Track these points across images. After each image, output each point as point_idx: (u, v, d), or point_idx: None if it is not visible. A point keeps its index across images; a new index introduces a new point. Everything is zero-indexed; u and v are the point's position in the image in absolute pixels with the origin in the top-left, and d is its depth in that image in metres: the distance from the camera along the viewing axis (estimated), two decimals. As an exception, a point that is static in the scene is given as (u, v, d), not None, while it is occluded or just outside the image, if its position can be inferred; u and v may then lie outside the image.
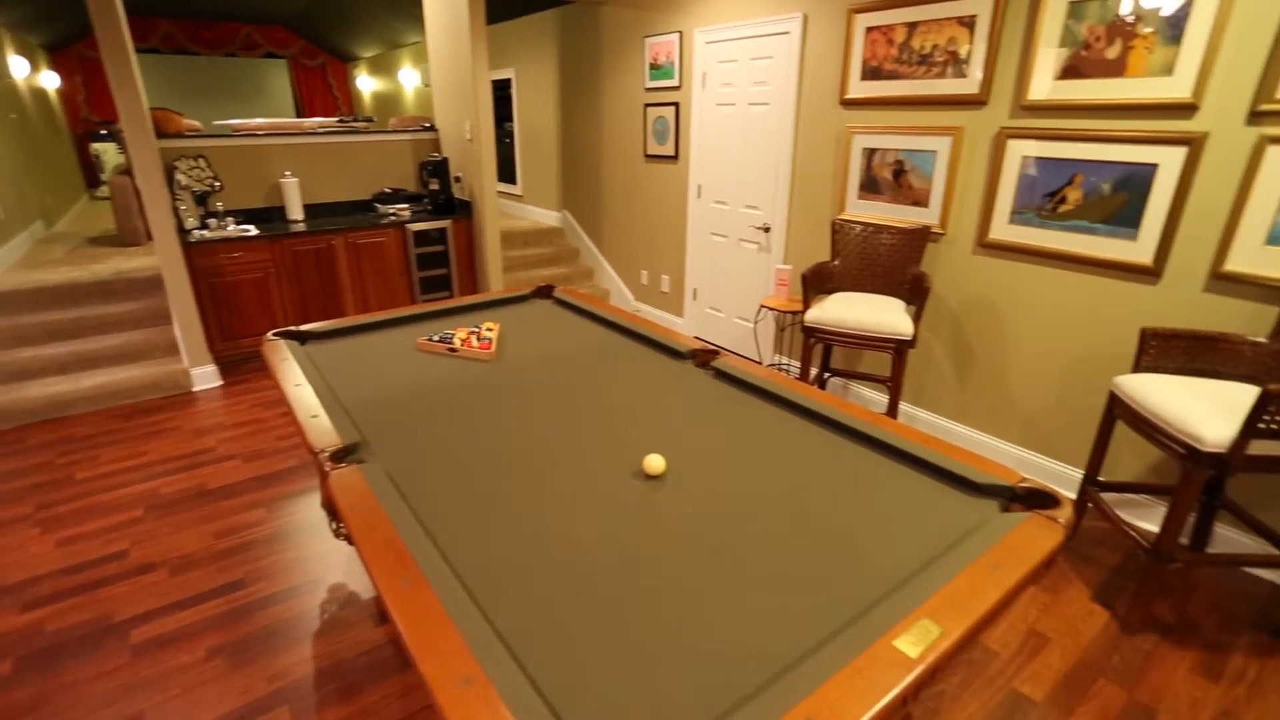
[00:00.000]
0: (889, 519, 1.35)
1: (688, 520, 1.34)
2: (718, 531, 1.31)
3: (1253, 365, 2.15)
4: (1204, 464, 1.86)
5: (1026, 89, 2.65)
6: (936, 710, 1.85)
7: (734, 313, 4.37)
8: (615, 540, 1.28)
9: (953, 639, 1.02)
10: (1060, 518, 1.32)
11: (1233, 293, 2.28)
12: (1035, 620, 2.17)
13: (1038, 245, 2.73)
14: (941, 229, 3.04)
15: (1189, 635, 2.12)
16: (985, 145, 2.83)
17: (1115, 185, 2.48)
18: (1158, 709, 1.86)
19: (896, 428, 1.66)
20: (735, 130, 4.00)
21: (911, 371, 3.35)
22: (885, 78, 3.12)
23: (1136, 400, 2.09)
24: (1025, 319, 2.85)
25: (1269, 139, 2.12)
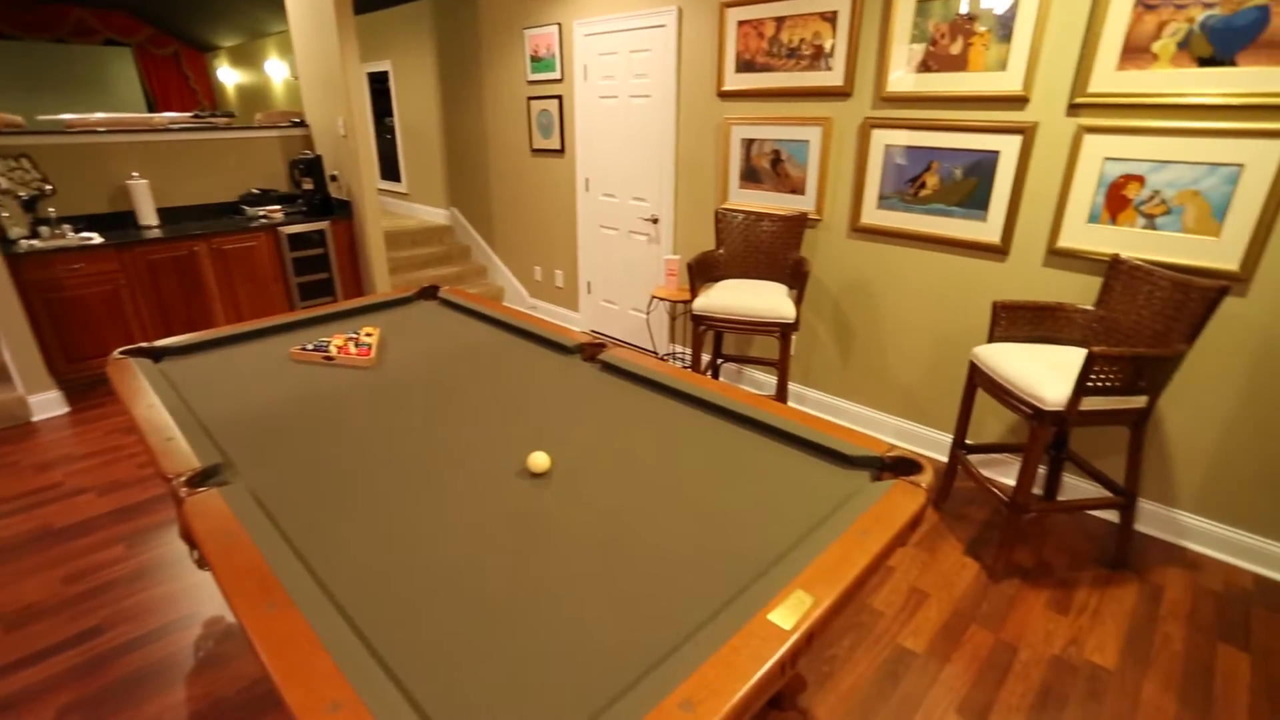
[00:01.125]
0: (769, 498, 1.40)
1: (573, 516, 1.34)
2: (603, 525, 1.31)
3: (1083, 330, 2.40)
4: (1047, 421, 2.06)
5: (885, 81, 2.81)
6: (830, 674, 1.95)
7: (628, 304, 4.40)
8: (499, 543, 1.26)
9: (824, 607, 1.07)
10: (923, 482, 1.41)
11: (1066, 266, 2.53)
12: (916, 579, 2.33)
13: (904, 228, 2.92)
14: (818, 215, 3.19)
15: (1044, 576, 2.34)
16: (852, 135, 2.98)
17: (966, 171, 2.69)
18: (1019, 646, 2.05)
19: (776, 409, 1.72)
20: (619, 123, 4.02)
21: (799, 353, 3.50)
22: (758, 70, 3.22)
23: (991, 368, 2.28)
24: (897, 297, 3.05)
25: (1085, 128, 2.36)
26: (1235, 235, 2.18)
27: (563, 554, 1.23)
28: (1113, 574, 2.37)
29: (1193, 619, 2.17)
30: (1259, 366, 2.23)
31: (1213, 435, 2.37)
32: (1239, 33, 2.04)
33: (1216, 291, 1.94)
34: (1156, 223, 2.31)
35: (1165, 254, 2.31)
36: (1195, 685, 1.93)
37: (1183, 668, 1.98)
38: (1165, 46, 2.18)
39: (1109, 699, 1.88)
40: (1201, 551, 2.50)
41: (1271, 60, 2.01)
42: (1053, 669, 1.97)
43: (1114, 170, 2.35)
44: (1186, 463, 2.45)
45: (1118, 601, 2.24)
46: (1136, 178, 2.32)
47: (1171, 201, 2.27)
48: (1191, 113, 2.18)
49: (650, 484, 1.45)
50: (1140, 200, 2.32)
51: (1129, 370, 1.98)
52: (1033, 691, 1.90)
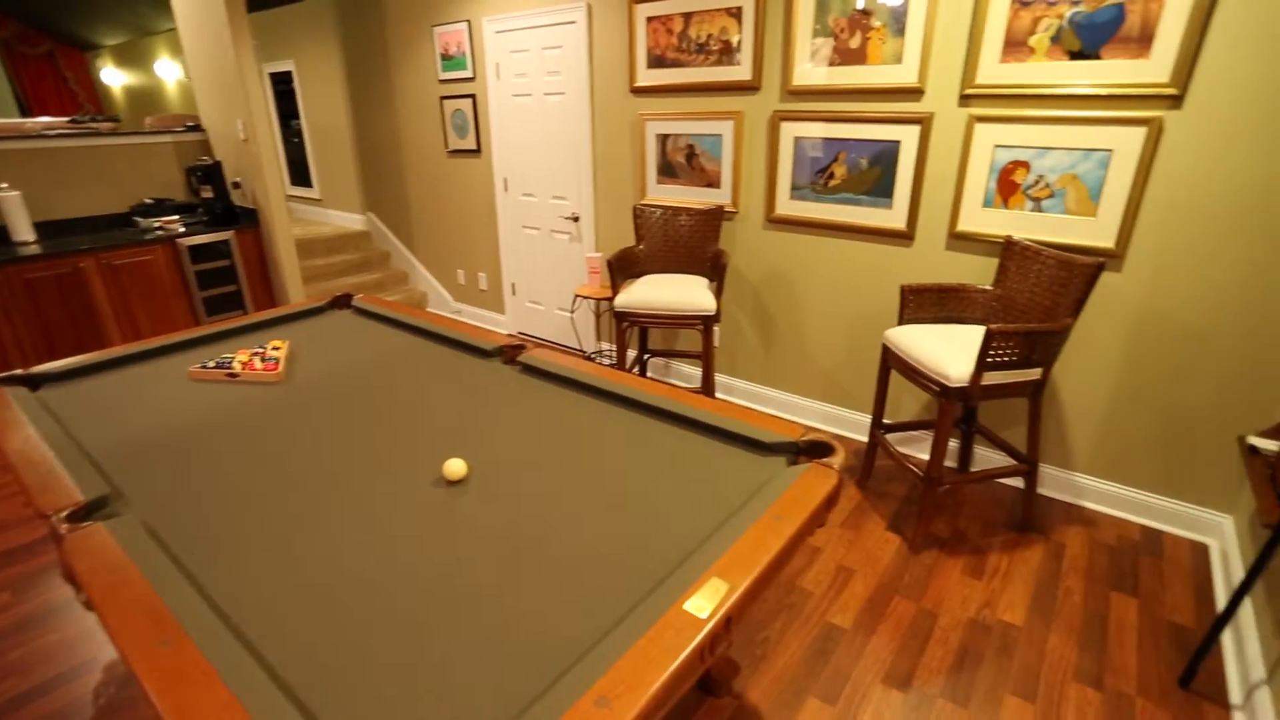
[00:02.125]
0: (687, 490, 1.42)
1: (491, 521, 1.32)
2: (521, 528, 1.30)
3: (984, 309, 2.54)
4: (954, 397, 2.17)
5: (791, 75, 2.89)
6: (763, 656, 2.00)
7: (554, 304, 4.37)
8: (416, 555, 1.22)
9: (740, 592, 1.09)
10: (834, 464, 1.46)
11: (966, 249, 2.67)
12: (843, 557, 2.41)
13: (816, 218, 3.01)
14: (734, 208, 3.24)
15: (960, 544, 2.47)
16: (763, 128, 3.05)
17: (871, 160, 2.79)
18: (938, 612, 2.15)
19: (694, 401, 1.75)
20: (535, 121, 3.97)
21: (724, 344, 3.56)
22: (669, 65, 3.24)
23: (901, 349, 2.38)
24: (814, 285, 3.14)
25: (976, 118, 2.49)
26: (1110, 215, 2.34)
27: (480, 560, 1.21)
28: (1020, 537, 2.52)
29: (1090, 572, 2.34)
30: (1136, 335, 2.42)
31: (1101, 401, 2.56)
32: (1101, 28, 2.20)
33: (1094, 268, 2.09)
34: (1043, 205, 2.46)
35: (1052, 234, 2.47)
36: (1092, 632, 2.07)
37: (1082, 617, 2.13)
38: (1040, 41, 2.32)
39: (1019, 654, 2.00)
40: (1097, 509, 2.69)
41: (1129, 54, 2.17)
42: (969, 631, 2.08)
43: (1003, 157, 2.49)
44: (1080, 428, 2.63)
45: (1025, 562, 2.38)
46: (1023, 164, 2.46)
47: (1054, 185, 2.42)
48: (1066, 102, 2.33)
49: (569, 484, 1.45)
50: (1027, 185, 2.47)
51: (1024, 345, 2.11)
52: (951, 654, 2.00)
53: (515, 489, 1.43)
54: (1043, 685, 1.90)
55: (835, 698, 1.85)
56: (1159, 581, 2.30)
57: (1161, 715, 1.81)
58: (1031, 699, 1.85)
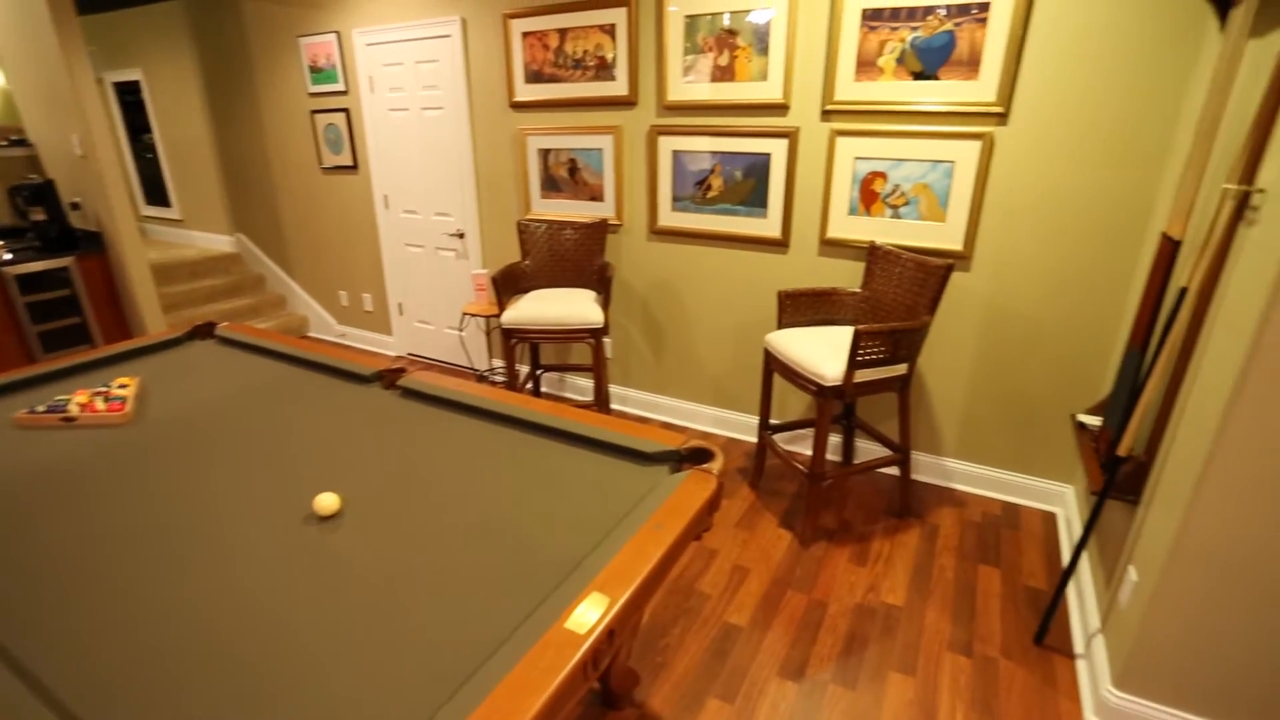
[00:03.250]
0: (570, 506, 1.41)
1: (365, 556, 1.26)
2: (397, 561, 1.25)
3: (854, 311, 2.70)
4: (830, 395, 2.29)
5: (666, 90, 2.97)
6: (664, 663, 2.02)
7: (443, 323, 4.25)
8: (280, 601, 1.15)
9: (620, 604, 1.09)
10: (714, 469, 1.51)
11: (836, 254, 2.84)
12: (737, 557, 2.48)
13: (698, 228, 3.10)
14: (619, 220, 3.29)
15: (846, 534, 2.60)
16: (641, 142, 3.11)
17: (745, 172, 2.91)
18: (828, 601, 2.26)
19: (576, 415, 1.75)
20: (413, 136, 3.86)
21: (616, 355, 3.59)
22: (547, 81, 3.25)
23: (780, 352, 2.49)
24: (699, 293, 3.22)
25: (837, 132, 2.66)
26: (957, 220, 2.56)
27: (352, 599, 1.15)
28: (900, 522, 2.69)
29: (960, 549, 2.53)
30: (985, 328, 2.65)
31: (960, 390, 2.78)
32: (937, 52, 2.41)
33: (945, 268, 2.27)
34: (900, 212, 2.66)
35: (910, 239, 2.67)
36: (963, 604, 2.24)
37: (954, 591, 2.30)
38: (888, 62, 2.51)
39: (900, 632, 2.13)
40: (964, 489, 2.92)
41: (962, 75, 2.40)
42: (856, 616, 2.19)
43: (863, 168, 2.67)
44: (945, 416, 2.85)
45: (904, 545, 2.55)
46: (881, 174, 2.65)
47: (909, 194, 2.62)
48: (914, 118, 2.53)
49: (450, 510, 1.40)
50: (886, 193, 2.66)
51: (890, 342, 2.26)
52: (840, 640, 2.10)
53: (392, 520, 1.37)
54: (921, 659, 2.03)
55: (734, 696, 1.90)
56: (1017, 551, 2.53)
57: (1020, 672, 1.98)
58: (912, 673, 1.98)
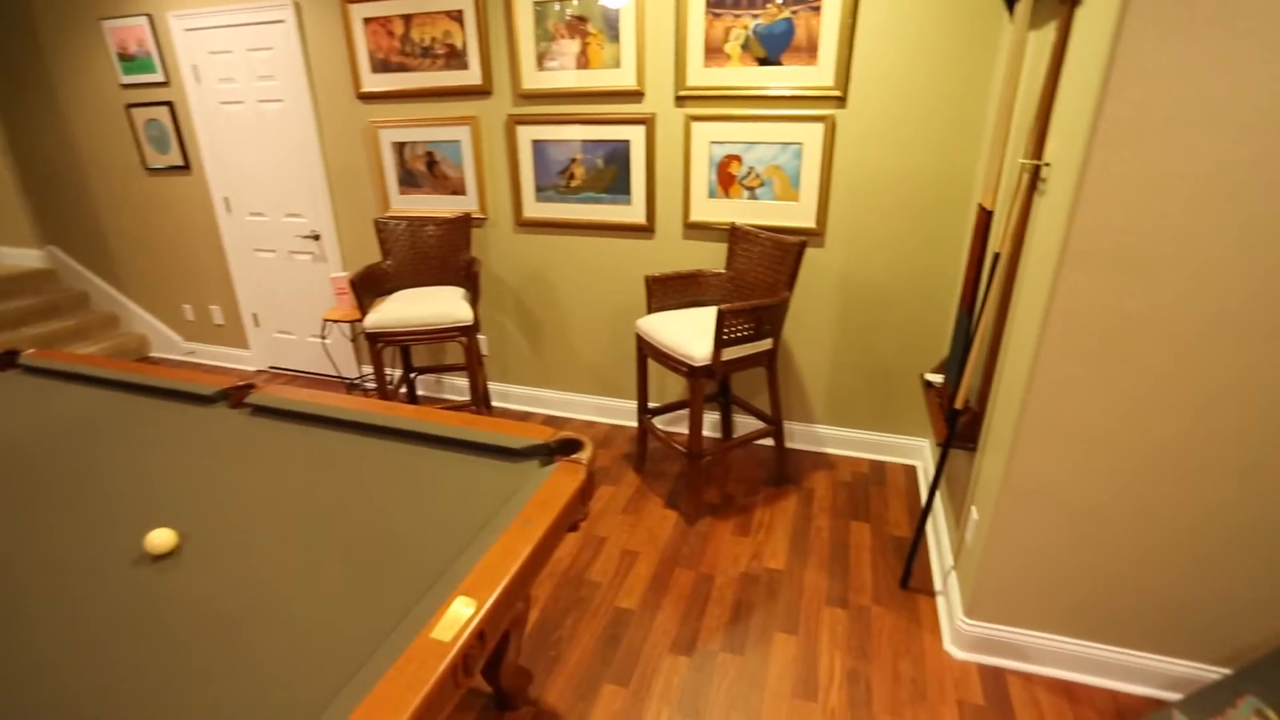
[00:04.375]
0: (437, 512, 1.37)
1: (208, 595, 1.15)
2: (247, 594, 1.15)
3: (720, 291, 2.79)
4: (700, 375, 2.36)
5: (521, 79, 2.91)
6: (557, 656, 2.01)
7: (306, 332, 3.97)
8: (105, 655, 1.03)
9: (487, 606, 1.07)
10: (583, 459, 1.50)
11: (700, 237, 2.91)
12: (625, 542, 2.51)
13: (564, 218, 3.07)
14: (483, 213, 3.20)
15: (729, 508, 2.70)
16: (500, 132, 3.04)
17: (606, 160, 2.92)
18: (714, 574, 2.33)
19: (442, 417, 1.69)
20: (251, 131, 3.55)
21: (493, 352, 3.50)
22: (395, 70, 3.09)
23: (651, 336, 2.53)
24: (572, 283, 3.21)
25: (691, 117, 2.72)
26: (809, 199, 2.70)
27: (194, 642, 1.05)
28: (778, 490, 2.82)
29: (833, 509, 2.69)
30: (842, 299, 2.82)
31: (824, 359, 2.95)
32: (778, 39, 2.51)
33: (799, 245, 2.39)
34: (756, 193, 2.76)
35: (768, 218, 2.78)
36: (838, 560, 2.39)
37: (829, 549, 2.45)
38: (733, 48, 2.59)
39: (783, 594, 2.24)
40: (835, 453, 3.10)
41: (802, 61, 2.52)
42: (741, 585, 2.28)
43: (719, 152, 2.75)
44: (814, 385, 3.02)
45: (783, 512, 2.67)
46: (736, 157, 2.74)
47: (763, 175, 2.73)
48: (763, 102, 2.63)
49: (305, 532, 1.32)
50: (742, 176, 2.75)
51: (753, 319, 2.35)
52: (728, 610, 2.17)
53: (239, 550, 1.26)
54: (803, 617, 2.14)
55: (628, 679, 1.92)
56: (884, 505, 2.72)
57: (889, 615, 2.14)
58: (795, 631, 2.09)
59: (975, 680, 1.92)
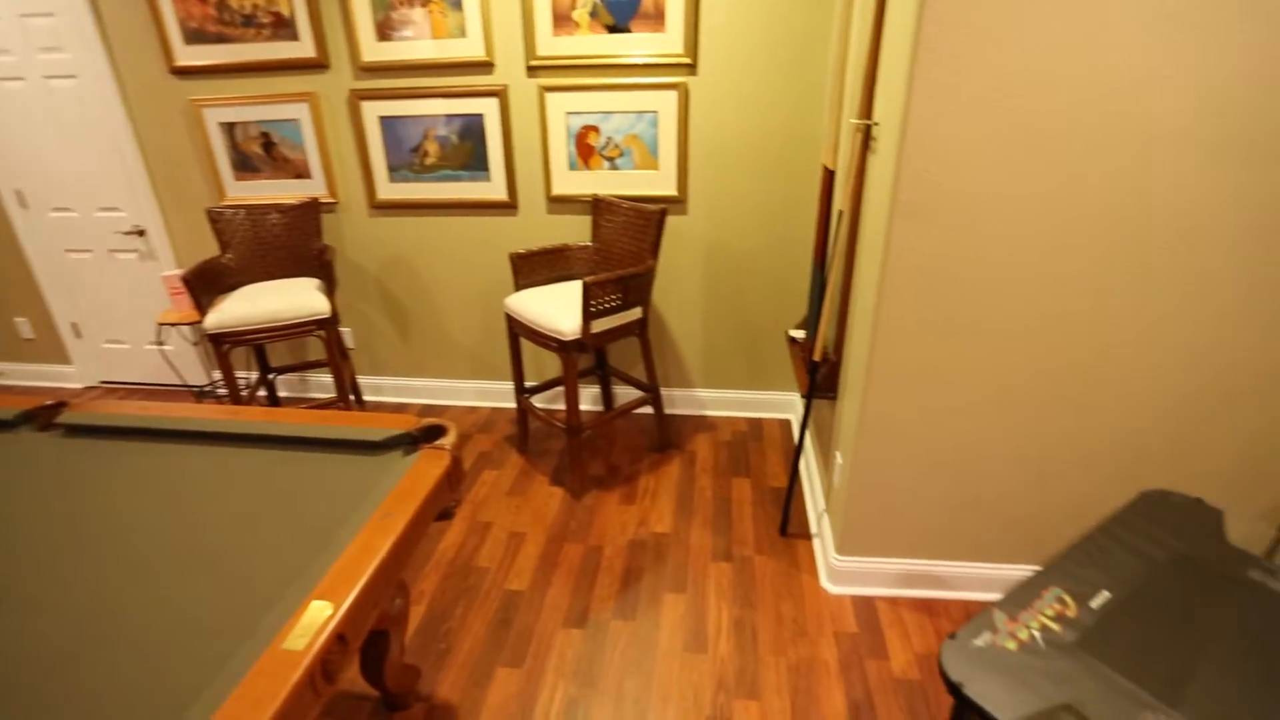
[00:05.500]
0: (290, 517, 1.27)
1: (16, 650, 1.01)
2: (68, 641, 1.02)
3: (587, 264, 2.77)
4: (572, 350, 2.34)
5: (360, 51, 2.71)
6: (448, 648, 1.96)
7: (142, 340, 3.57)
8: None
9: (345, 607, 1.02)
10: (447, 444, 1.46)
11: (564, 210, 2.87)
12: (512, 524, 2.47)
13: (421, 198, 2.93)
14: (333, 197, 2.98)
15: (614, 478, 2.72)
16: (342, 109, 2.83)
17: (460, 135, 2.80)
18: (603, 545, 2.35)
19: (296, 417, 1.57)
20: (40, 113, 3.10)
21: (359, 343, 3.31)
22: (214, 41, 2.79)
23: (520, 314, 2.48)
24: (437, 266, 3.07)
25: (544, 88, 2.66)
26: (669, 167, 2.73)
27: (27, 682, 0.92)
28: (662, 456, 2.88)
29: (715, 468, 2.78)
30: (709, 264, 2.89)
31: (697, 324, 3.02)
32: (626, 6, 2.49)
33: (659, 213, 2.42)
34: (617, 164, 2.75)
35: (630, 188, 2.79)
36: (721, 517, 2.48)
37: (712, 508, 2.53)
38: (582, 16, 2.54)
39: (670, 556, 2.29)
40: (715, 414, 3.21)
41: (651, 28, 2.52)
42: (630, 552, 2.32)
43: (576, 123, 2.71)
44: (689, 350, 3.09)
45: (668, 476, 2.74)
46: (593, 128, 2.71)
47: (622, 145, 2.72)
48: (615, 70, 2.61)
49: (136, 559, 1.19)
50: (601, 146, 2.73)
51: (619, 289, 2.36)
52: (618, 579, 2.20)
53: (68, 582, 1.12)
54: (690, 574, 2.21)
55: (521, 659, 1.91)
56: (762, 459, 2.85)
57: (771, 562, 2.25)
58: (683, 590, 2.15)
59: (849, 611, 2.07)
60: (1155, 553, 1.22)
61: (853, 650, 1.93)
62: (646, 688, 1.82)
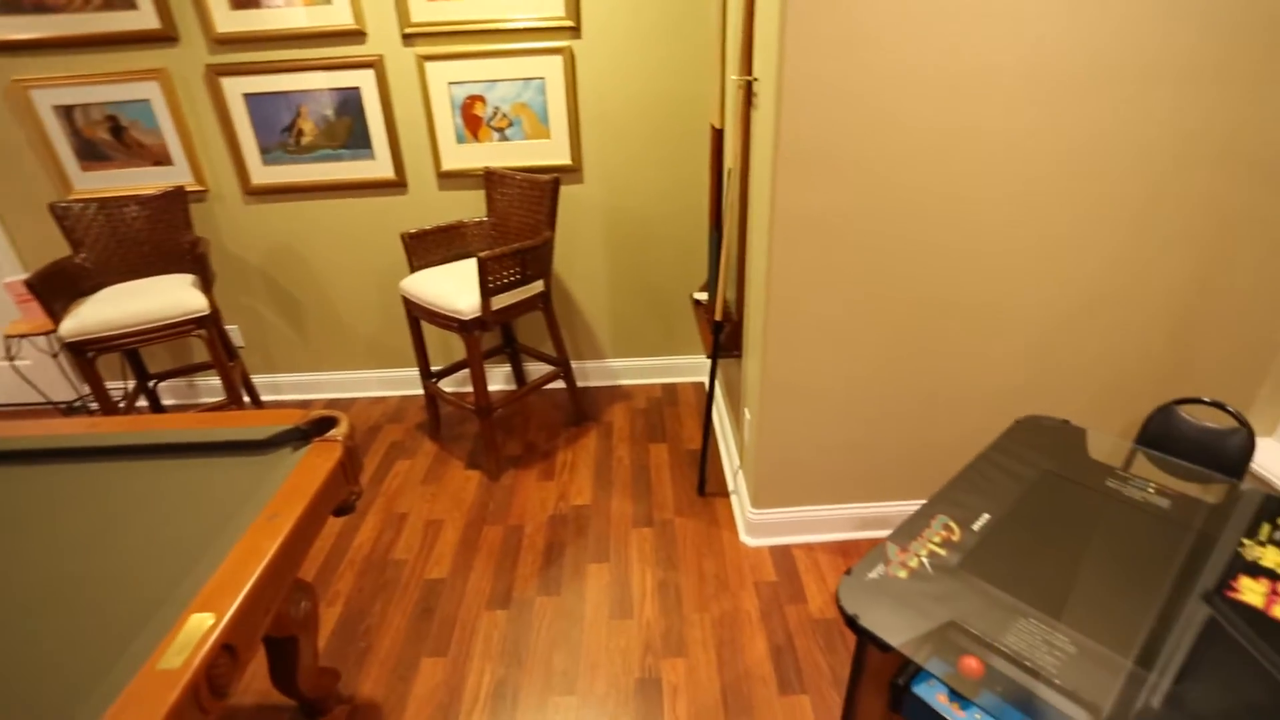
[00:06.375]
0: (160, 531, 1.18)
1: None
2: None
3: (484, 240, 2.69)
4: (473, 329, 2.28)
5: (212, 20, 2.48)
6: (368, 646, 1.89)
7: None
8: None
9: (229, 617, 0.95)
10: (339, 435, 1.38)
11: (456, 186, 2.76)
12: (429, 512, 2.41)
13: (301, 181, 2.74)
14: (201, 185, 2.75)
15: (532, 456, 2.69)
16: (200, 86, 2.60)
17: (337, 111, 2.63)
18: (524, 523, 2.33)
19: (165, 423, 1.46)
20: None
21: (253, 341, 3.10)
22: (30, 11, 2.47)
23: (416, 296, 2.38)
24: (327, 252, 2.90)
25: (423, 57, 2.52)
26: (560, 135, 2.66)
27: None
28: (579, 429, 2.87)
29: (632, 436, 2.80)
30: (610, 232, 2.86)
31: (603, 294, 3.00)
32: (498, -37, 2.39)
33: (552, 182, 2.36)
34: (507, 134, 2.66)
35: (523, 159, 2.71)
36: (640, 483, 2.50)
37: (631, 475, 2.55)
38: (454, -24, 2.42)
39: (592, 527, 2.30)
40: (630, 383, 3.21)
41: (528, -13, 2.43)
42: (551, 527, 2.30)
43: (459, 93, 2.59)
44: (597, 320, 3.07)
45: (585, 449, 2.73)
46: (479, 98, 2.61)
47: (510, 114, 2.63)
48: (497, 36, 2.51)
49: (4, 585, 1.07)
50: (488, 117, 2.63)
51: (517, 263, 2.30)
52: (540, 556, 2.19)
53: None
54: (612, 543, 2.22)
55: (446, 648, 1.87)
56: (678, 423, 2.89)
57: (692, 523, 2.30)
58: (606, 560, 2.16)
59: (768, 561, 2.14)
60: (1027, 473, 1.32)
61: (773, 598, 2.00)
62: (574, 659, 1.82)
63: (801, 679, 1.75)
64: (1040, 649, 0.94)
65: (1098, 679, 0.89)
